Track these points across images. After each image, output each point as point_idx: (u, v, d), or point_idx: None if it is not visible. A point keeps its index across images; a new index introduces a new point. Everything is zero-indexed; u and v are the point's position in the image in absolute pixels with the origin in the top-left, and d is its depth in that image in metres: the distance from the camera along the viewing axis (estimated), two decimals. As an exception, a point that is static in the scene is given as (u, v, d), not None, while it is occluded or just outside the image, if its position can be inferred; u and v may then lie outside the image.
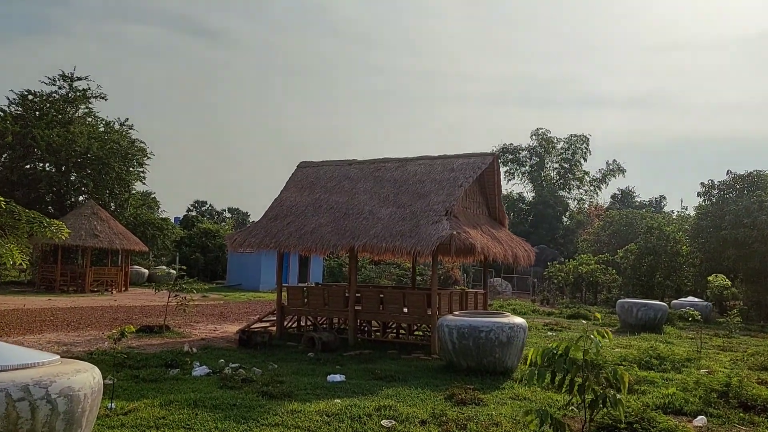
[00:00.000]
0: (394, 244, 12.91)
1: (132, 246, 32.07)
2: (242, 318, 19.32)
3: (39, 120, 35.65)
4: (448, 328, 10.89)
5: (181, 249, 44.06)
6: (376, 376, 10.46)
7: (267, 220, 15.36)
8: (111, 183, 36.74)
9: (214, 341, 14.23)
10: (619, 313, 21.14)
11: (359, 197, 14.82)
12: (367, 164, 16.01)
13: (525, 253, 15.25)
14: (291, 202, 15.65)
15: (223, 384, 9.33)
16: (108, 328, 15.17)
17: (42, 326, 14.79)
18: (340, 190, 15.38)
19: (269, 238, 14.63)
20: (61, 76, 37.50)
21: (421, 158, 15.41)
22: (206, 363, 11.23)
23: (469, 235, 12.97)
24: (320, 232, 14.10)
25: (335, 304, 14.55)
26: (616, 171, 70.85)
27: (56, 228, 11.52)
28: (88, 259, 31.53)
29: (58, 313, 17.67)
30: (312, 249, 14.17)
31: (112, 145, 36.48)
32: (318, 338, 13.10)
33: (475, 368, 10.69)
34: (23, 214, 11.18)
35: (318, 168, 16.60)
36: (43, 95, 37.05)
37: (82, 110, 38.93)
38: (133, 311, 19.65)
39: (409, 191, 14.34)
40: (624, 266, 36.13)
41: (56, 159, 35.19)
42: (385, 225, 13.54)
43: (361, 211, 14.29)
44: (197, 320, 17.72)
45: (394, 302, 13.79)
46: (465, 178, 13.99)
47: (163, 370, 10.46)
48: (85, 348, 12.26)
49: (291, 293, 15.35)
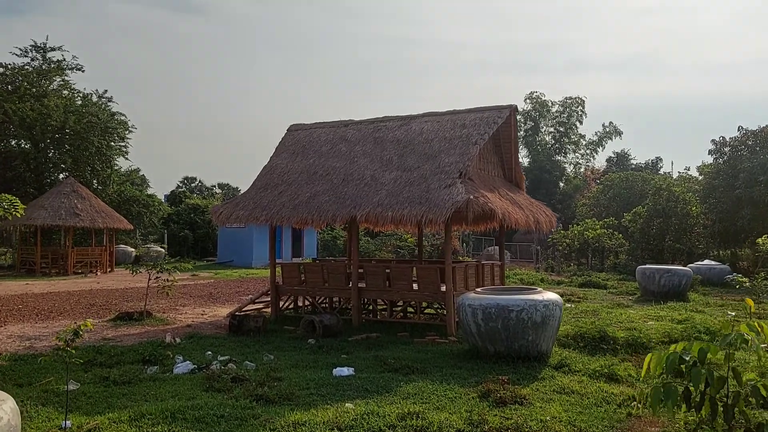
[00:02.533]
0: (402, 213, 11.28)
1: (116, 224, 30.29)
2: (234, 299, 17.75)
3: (11, 94, 33.46)
4: (471, 309, 9.33)
5: (169, 226, 42.29)
6: (389, 367, 8.92)
7: (256, 190, 13.68)
8: (91, 159, 34.74)
9: (202, 328, 12.65)
10: (640, 281, 19.68)
11: (359, 161, 13.14)
12: (365, 124, 14.29)
13: (546, 218, 13.67)
14: (282, 169, 13.95)
15: (209, 385, 7.77)
16: (82, 317, 13.56)
17: (7, 317, 13.16)
18: (336, 154, 13.69)
19: (259, 210, 12.97)
20: (33, 47, 35.19)
21: (427, 115, 13.70)
22: (190, 356, 9.68)
23: (488, 199, 11.36)
24: (316, 202, 12.45)
25: (336, 281, 12.97)
26: (613, 133, 69.24)
27: (8, 204, 9.79)
28: (70, 239, 29.77)
29: (30, 301, 16.03)
30: (308, 221, 12.52)
31: (90, 118, 34.35)
32: (318, 322, 11.54)
33: (504, 354, 9.18)
34: (-33, 189, 9.45)
35: (310, 131, 14.87)
36: (14, 68, 34.77)
37: (57, 83, 36.68)
38: (113, 295, 18.05)
39: (416, 152, 12.67)
40: (632, 230, 34.70)
41: (31, 135, 33.12)
42: (390, 191, 11.90)
43: (362, 176, 12.63)
44: (184, 303, 16.15)
45: (402, 278, 12.22)
46: (479, 135, 12.32)
47: (138, 367, 8.90)
48: (51, 342, 10.63)
49: (286, 271, 13.75)
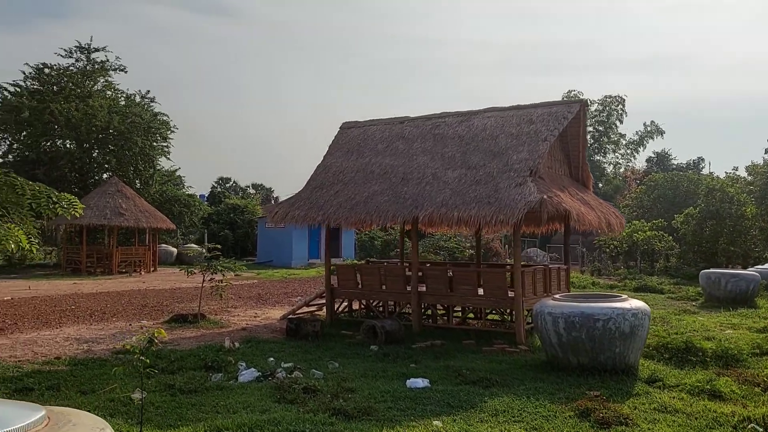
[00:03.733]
0: (469, 213, 10.70)
1: (159, 224, 30.35)
2: (283, 300, 17.38)
3: (57, 94, 33.85)
4: (551, 317, 8.70)
5: (209, 226, 42.40)
6: (465, 378, 8.35)
7: (311, 189, 13.24)
8: (134, 159, 34.93)
9: (257, 331, 12.26)
10: (704, 286, 18.70)
11: (418, 159, 12.59)
12: (422, 120, 13.73)
13: (617, 219, 12.94)
14: (337, 168, 13.48)
15: (280, 396, 7.31)
16: (137, 318, 13.31)
17: (61, 318, 12.97)
18: (393, 151, 13.16)
19: (315, 210, 12.53)
20: (77, 48, 35.57)
21: (489, 110, 13.09)
22: (252, 363, 9.26)
23: (561, 199, 10.71)
24: (375, 202, 11.95)
25: (394, 284, 12.45)
26: (655, 132, 67.49)
27: (68, 203, 9.52)
28: (114, 239, 29.90)
29: (81, 301, 15.89)
30: (366, 221, 12.03)
31: (134, 118, 34.55)
32: (380, 327, 11.03)
33: (589, 366, 8.52)
34: (26, 187, 9.20)
35: (365, 128, 14.38)
36: (60, 69, 35.18)
37: (101, 83, 37.04)
38: (163, 296, 17.84)
39: (480, 149, 12.07)
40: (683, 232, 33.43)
41: (77, 135, 33.42)
42: (455, 190, 11.33)
43: (423, 175, 12.08)
44: (234, 304, 15.82)
45: (466, 282, 11.64)
46: (549, 131, 11.66)
47: (202, 374, 8.50)
48: (109, 345, 10.37)
49: (341, 273, 13.28)
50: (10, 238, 8.57)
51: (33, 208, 9.57)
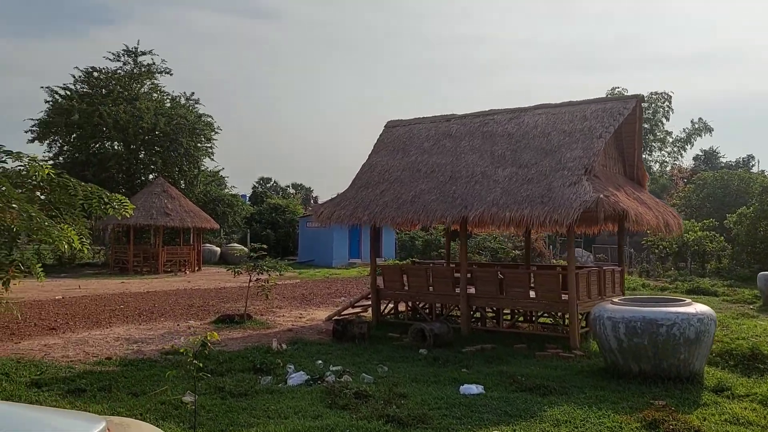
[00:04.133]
0: (522, 213, 10.36)
1: (203, 224, 30.72)
2: (327, 301, 17.28)
3: (105, 97, 34.61)
4: (611, 322, 8.32)
5: (251, 225, 42.79)
6: (520, 385, 8.04)
7: (356, 189, 13.07)
8: (180, 159, 35.47)
9: (303, 332, 12.16)
10: (762, 288, 17.86)
11: (466, 157, 12.30)
12: (469, 118, 13.43)
13: (675, 220, 12.41)
14: (383, 167, 13.29)
15: (331, 401, 7.14)
16: (184, 318, 13.37)
17: (111, 317, 13.11)
18: (440, 149, 12.90)
19: (361, 209, 12.35)
20: (125, 51, 36.29)
21: (539, 107, 12.71)
22: (301, 365, 9.13)
23: (618, 198, 10.28)
24: (422, 201, 11.70)
25: (442, 286, 12.19)
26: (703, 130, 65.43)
27: (119, 204, 9.57)
28: (160, 238, 30.37)
29: (130, 300, 16.08)
30: (413, 221, 11.82)
31: (180, 120, 35.07)
32: (429, 330, 10.78)
33: (651, 373, 8.13)
34: (78, 188, 9.26)
35: (410, 126, 14.14)
36: (108, 72, 35.97)
37: (147, 86, 37.74)
38: (209, 295, 17.95)
39: (531, 147, 11.71)
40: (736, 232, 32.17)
41: (124, 137, 34.10)
42: (506, 189, 11.00)
43: (472, 173, 11.78)
44: (279, 305, 15.78)
45: (517, 285, 11.29)
46: (604, 128, 11.23)
47: (251, 377, 8.40)
48: (159, 346, 10.38)
49: (387, 274, 13.08)
50: (63, 238, 8.63)
51: (85, 209, 9.64)
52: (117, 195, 9.73)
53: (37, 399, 7.10)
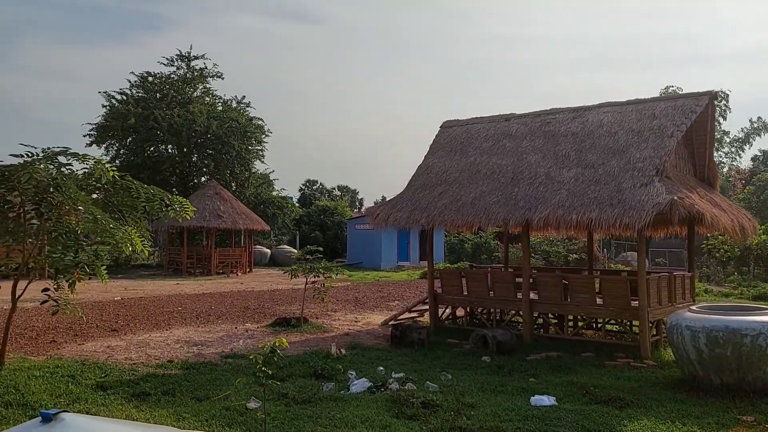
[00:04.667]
0: (590, 216, 9.92)
1: (254, 226, 30.98)
2: (380, 305, 17.08)
3: (159, 101, 35.35)
4: (690, 331, 7.84)
5: (300, 227, 43.06)
6: (594, 396, 7.65)
7: (413, 191, 12.82)
8: (231, 162, 35.93)
9: (360, 337, 11.98)
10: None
11: (528, 158, 11.91)
12: (530, 117, 13.03)
13: (749, 223, 11.73)
14: (440, 168, 13.01)
15: (398, 410, 6.90)
16: (240, 321, 13.37)
17: (170, 319, 13.21)
18: (500, 150, 12.54)
19: (418, 212, 12.09)
20: (178, 56, 37.01)
21: (604, 105, 12.22)
22: (361, 371, 8.93)
23: (693, 200, 9.75)
24: (483, 203, 11.37)
25: (503, 291, 11.82)
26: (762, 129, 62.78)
27: (180, 206, 9.58)
28: (212, 240, 30.78)
29: (186, 302, 16.23)
30: (474, 224, 11.51)
31: (231, 123, 35.56)
32: (492, 337, 10.44)
33: (734, 386, 7.63)
34: (141, 191, 9.30)
35: (468, 126, 13.82)
36: (162, 76, 36.75)
37: (200, 90, 38.41)
38: (263, 298, 17.98)
39: (597, 146, 11.24)
40: (802, 236, 30.57)
41: (178, 140, 34.77)
42: (571, 191, 10.57)
43: (535, 174, 11.39)
44: (333, 308, 15.66)
45: (583, 291, 10.84)
46: (675, 126, 10.69)
47: (313, 383, 8.24)
48: (218, 349, 10.35)
49: (446, 278, 12.78)
50: (127, 240, 8.65)
51: (146, 211, 9.68)
52: (178, 197, 9.75)
53: (103, 402, 7.09)
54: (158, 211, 9.58)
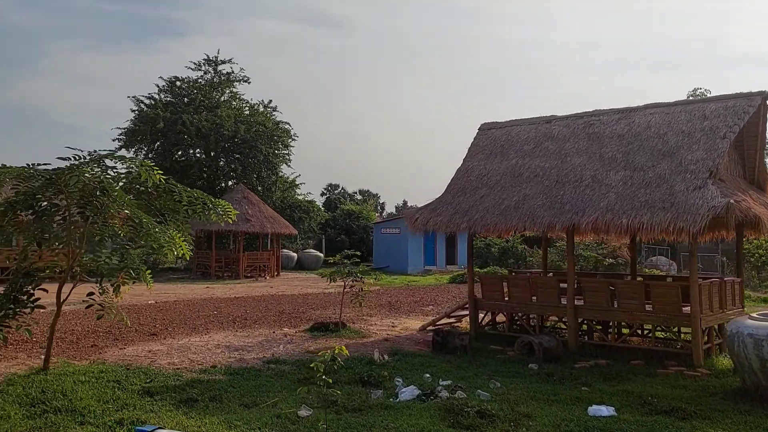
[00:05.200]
0: (641, 220, 9.62)
1: (282, 229, 30.98)
2: (415, 309, 16.86)
3: (187, 105, 35.58)
4: (753, 339, 7.52)
5: (326, 231, 43.02)
6: (653, 407, 7.36)
7: (452, 194, 12.60)
8: (258, 166, 36.00)
9: (400, 343, 11.77)
10: None
11: (572, 160, 11.63)
12: (572, 119, 12.75)
13: (804, 226, 11.29)
14: (480, 171, 12.78)
15: (453, 420, 6.68)
16: (277, 325, 13.25)
17: (207, 323, 13.13)
18: (543, 152, 12.27)
19: (459, 216, 11.86)
20: (205, 61, 37.23)
21: (650, 106, 11.90)
22: (407, 378, 8.73)
23: (749, 204, 9.40)
24: (527, 207, 11.11)
25: (546, 297, 11.53)
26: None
27: (223, 210, 9.49)
28: (240, 244, 30.84)
29: (221, 306, 16.18)
30: (517, 228, 11.25)
31: (258, 127, 35.65)
32: (538, 344, 10.18)
33: (803, 398, 7.27)
34: (184, 194, 9.22)
35: (507, 129, 13.58)
36: (189, 81, 36.99)
37: (227, 94, 38.59)
38: (296, 302, 17.86)
39: (646, 148, 10.93)
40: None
41: (206, 144, 34.93)
42: (620, 194, 10.27)
43: (580, 177, 11.11)
44: (368, 312, 15.48)
45: (631, 296, 10.52)
46: (728, 127, 10.35)
47: (360, 390, 8.05)
48: (259, 354, 10.23)
49: (486, 283, 12.52)
50: (171, 245, 8.58)
51: (189, 214, 9.60)
52: (220, 201, 9.66)
53: (152, 408, 6.98)
54: (200, 215, 9.48)
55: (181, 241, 8.85)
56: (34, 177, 7.67)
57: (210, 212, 9.47)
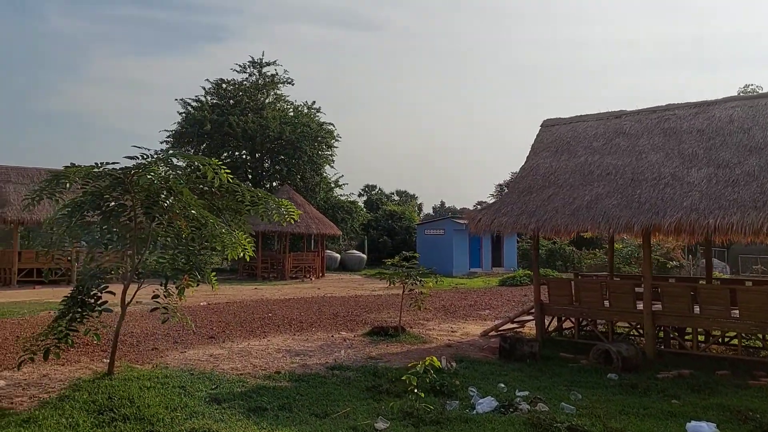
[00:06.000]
0: (730, 220, 8.95)
1: (327, 230, 30.77)
2: (471, 314, 16.34)
3: (233, 107, 35.73)
4: None
5: (368, 232, 42.72)
6: (758, 423, 6.76)
7: (517, 193, 12.07)
8: (303, 167, 35.94)
9: (464, 349, 11.30)
10: None
11: (648, 157, 10.99)
12: (644, 114, 12.10)
13: None
14: (546, 169, 12.21)
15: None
16: (335, 329, 12.91)
17: (264, 326, 12.87)
18: (614, 149, 11.66)
19: (525, 216, 11.32)
20: (250, 63, 37.39)
21: (731, 99, 11.20)
22: (482, 388, 8.25)
23: None
24: (601, 207, 10.51)
25: (620, 302, 10.91)
26: None
27: (286, 210, 9.17)
28: (286, 245, 30.74)
29: (274, 308, 15.93)
30: (590, 228, 10.67)
31: (303, 128, 35.58)
32: (616, 352, 9.58)
33: None
34: (246, 194, 8.94)
35: (573, 125, 12.98)
36: (235, 83, 37.18)
37: (271, 96, 38.67)
38: (348, 304, 17.52)
39: (729, 144, 10.24)
40: None
41: (252, 145, 35.04)
42: (705, 193, 9.61)
43: (659, 175, 10.47)
44: (424, 316, 15.02)
45: (716, 302, 9.84)
46: (824, 121, 9.57)
47: (433, 400, 7.59)
48: (321, 359, 9.88)
49: (554, 288, 11.94)
50: (237, 246, 8.30)
51: (251, 214, 9.33)
52: (284, 200, 9.35)
53: (221, 417, 6.68)
54: (263, 215, 9.18)
55: (247, 242, 8.57)
56: (102, 176, 7.47)
57: (273, 212, 9.15)
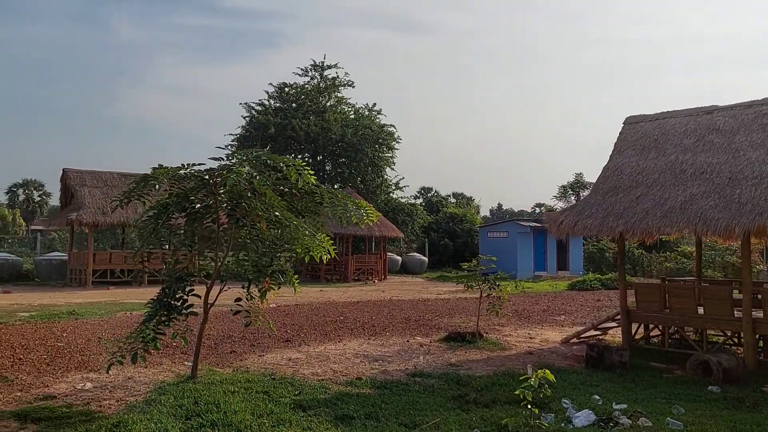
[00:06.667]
0: None
1: (389, 232, 30.60)
2: (546, 319, 15.77)
3: (296, 111, 36.04)
4: None
5: (429, 235, 42.32)
6: None
7: (601, 194, 11.49)
8: (364, 169, 35.92)
9: (546, 357, 10.81)
10: None
11: (747, 155, 10.24)
12: (739, 109, 11.32)
13: None
14: (632, 168, 11.58)
15: (657, 456, 5.71)
16: (409, 333, 12.63)
17: (337, 330, 12.71)
18: (707, 147, 10.93)
19: (612, 218, 10.73)
20: (312, 66, 37.63)
21: (841, 92, 10.28)
22: (576, 400, 7.79)
23: None
24: (696, 208, 9.84)
25: (715, 309, 10.18)
26: None
27: (365, 212, 8.96)
28: (349, 247, 30.72)
29: (344, 311, 15.78)
30: (686, 230, 10.03)
31: (364, 131, 35.57)
32: (716, 363, 8.92)
33: None
34: (326, 195, 8.77)
35: (660, 121, 12.28)
36: (297, 87, 37.49)
37: (333, 99, 38.83)
38: (417, 308, 17.22)
39: (843, 140, 9.40)
40: None
41: (314, 148, 35.24)
42: (816, 193, 8.84)
43: (760, 174, 9.73)
44: (498, 322, 14.55)
45: (829, 310, 9.04)
46: None
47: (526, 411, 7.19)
48: (400, 365, 9.61)
49: (642, 293, 11.30)
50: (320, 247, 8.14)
51: (329, 216, 9.17)
52: (363, 202, 9.14)
53: (308, 425, 6.48)
54: (342, 217, 9.00)
55: (329, 244, 8.40)
56: (188, 177, 7.42)
57: (351, 214, 8.95)
